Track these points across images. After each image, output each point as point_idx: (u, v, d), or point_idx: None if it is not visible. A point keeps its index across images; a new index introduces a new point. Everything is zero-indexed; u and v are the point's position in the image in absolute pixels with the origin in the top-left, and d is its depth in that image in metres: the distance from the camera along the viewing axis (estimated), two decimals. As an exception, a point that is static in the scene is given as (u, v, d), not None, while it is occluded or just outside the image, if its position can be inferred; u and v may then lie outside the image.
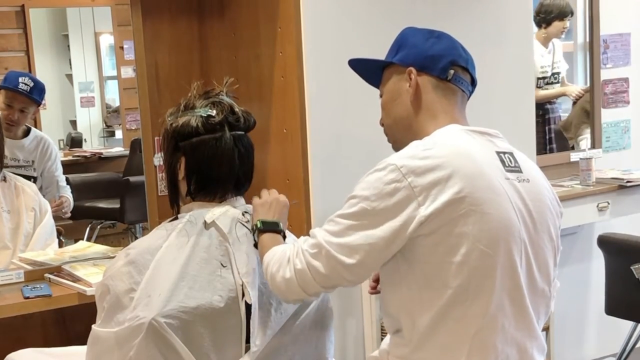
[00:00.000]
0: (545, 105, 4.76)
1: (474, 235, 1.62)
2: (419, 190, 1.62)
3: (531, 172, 1.80)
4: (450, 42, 1.86)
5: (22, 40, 3.59)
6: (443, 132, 1.75)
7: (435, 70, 1.81)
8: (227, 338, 1.88)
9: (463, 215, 1.61)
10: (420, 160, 1.65)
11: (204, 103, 1.96)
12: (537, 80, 4.72)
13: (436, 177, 1.62)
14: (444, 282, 1.63)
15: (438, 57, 1.82)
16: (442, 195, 1.61)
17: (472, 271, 1.63)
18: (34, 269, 2.72)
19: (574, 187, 3.94)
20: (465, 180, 1.63)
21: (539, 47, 4.71)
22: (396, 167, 1.64)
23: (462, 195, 1.61)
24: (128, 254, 1.89)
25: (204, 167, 1.94)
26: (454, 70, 1.82)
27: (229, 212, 1.95)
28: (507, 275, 1.67)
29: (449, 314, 1.64)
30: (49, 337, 2.69)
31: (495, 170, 1.70)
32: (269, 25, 2.73)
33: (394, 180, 1.63)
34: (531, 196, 1.74)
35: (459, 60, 1.84)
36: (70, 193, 3.43)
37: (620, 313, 3.61)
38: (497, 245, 1.64)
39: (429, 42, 1.84)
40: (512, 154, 1.78)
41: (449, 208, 1.61)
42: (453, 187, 1.62)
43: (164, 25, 3.01)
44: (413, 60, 1.82)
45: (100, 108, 4.11)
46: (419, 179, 1.62)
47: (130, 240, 3.50)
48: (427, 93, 1.81)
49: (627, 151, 4.42)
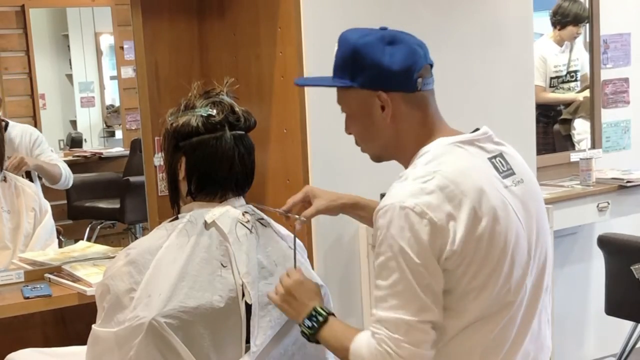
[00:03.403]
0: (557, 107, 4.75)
1: (496, 259, 1.61)
2: (441, 225, 1.57)
3: (521, 168, 1.76)
4: (407, 45, 1.70)
5: (22, 40, 3.59)
6: (434, 152, 1.68)
7: (405, 88, 1.70)
8: (227, 338, 1.88)
9: (478, 240, 1.59)
10: (428, 195, 1.59)
11: (204, 103, 1.96)
12: (551, 80, 4.71)
13: (449, 210, 1.58)
14: (464, 307, 1.63)
15: (404, 72, 1.68)
16: (459, 228, 1.58)
17: (496, 296, 1.62)
18: (34, 269, 2.73)
19: (574, 187, 3.94)
20: (474, 206, 1.59)
21: (552, 46, 4.71)
22: (408, 209, 1.58)
23: (475, 223, 1.59)
24: (128, 254, 1.89)
25: (204, 167, 1.94)
26: (421, 77, 1.70)
27: (230, 212, 1.95)
28: (517, 288, 1.66)
29: (462, 333, 1.64)
30: (49, 337, 2.69)
31: (494, 182, 1.67)
32: (269, 25, 2.73)
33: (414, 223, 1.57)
34: (528, 196, 1.73)
35: (422, 62, 1.71)
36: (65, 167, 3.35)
37: (620, 313, 3.61)
38: (516, 263, 1.64)
39: (387, 55, 1.68)
40: (501, 154, 1.74)
41: (467, 238, 1.58)
42: (466, 216, 1.58)
43: (164, 25, 3.01)
44: (380, 84, 1.69)
45: (100, 108, 4.11)
46: (437, 214, 1.57)
47: (130, 240, 3.50)
48: (402, 112, 1.71)
49: (627, 151, 4.42)
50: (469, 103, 3.15)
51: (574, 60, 4.73)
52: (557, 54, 4.72)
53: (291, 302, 1.84)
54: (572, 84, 4.76)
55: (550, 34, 4.76)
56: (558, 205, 3.64)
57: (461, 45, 3.14)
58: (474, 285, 1.61)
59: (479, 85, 3.23)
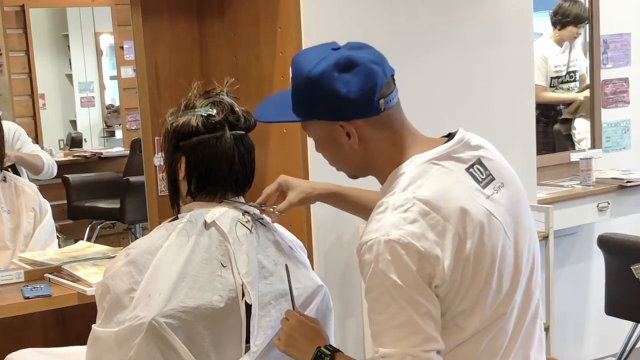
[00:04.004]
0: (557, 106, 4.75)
1: (476, 278, 1.60)
2: (427, 254, 1.54)
3: (500, 170, 1.70)
4: (363, 68, 1.61)
5: (22, 40, 3.59)
6: (410, 175, 1.62)
7: (367, 113, 1.63)
8: (227, 338, 1.88)
9: (465, 263, 1.57)
10: (411, 224, 1.55)
11: (204, 102, 1.96)
12: (551, 79, 4.71)
13: (433, 238, 1.55)
14: (456, 326, 1.62)
15: (363, 98, 1.61)
16: (446, 255, 1.55)
17: (481, 311, 1.61)
18: (34, 269, 2.73)
19: (574, 187, 3.94)
20: (457, 230, 1.56)
21: (552, 46, 4.71)
22: (394, 241, 1.54)
23: (461, 247, 1.56)
24: (128, 254, 1.89)
25: (204, 167, 1.94)
26: (381, 97, 1.62)
27: (229, 212, 1.95)
28: (507, 300, 1.65)
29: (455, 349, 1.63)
30: (49, 337, 2.69)
31: (475, 195, 1.62)
32: (269, 25, 2.73)
33: (402, 255, 1.54)
34: (510, 200, 1.68)
35: (381, 80, 1.62)
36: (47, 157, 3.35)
37: (620, 313, 3.61)
38: (505, 278, 1.63)
39: (342, 84, 1.60)
40: (478, 160, 1.67)
41: (455, 264, 1.56)
42: (450, 243, 1.56)
43: (164, 25, 3.01)
44: (340, 115, 1.63)
45: (100, 108, 4.11)
46: (423, 242, 1.54)
47: (130, 240, 3.50)
48: (369, 136, 1.65)
49: (627, 151, 4.43)
50: (468, 103, 3.15)
51: (573, 60, 4.74)
52: (558, 54, 4.73)
53: (295, 344, 1.82)
54: (572, 84, 4.77)
55: (550, 34, 4.76)
56: (558, 205, 3.64)
57: (461, 45, 3.14)
58: (464, 307, 1.60)
59: (478, 85, 3.23)
